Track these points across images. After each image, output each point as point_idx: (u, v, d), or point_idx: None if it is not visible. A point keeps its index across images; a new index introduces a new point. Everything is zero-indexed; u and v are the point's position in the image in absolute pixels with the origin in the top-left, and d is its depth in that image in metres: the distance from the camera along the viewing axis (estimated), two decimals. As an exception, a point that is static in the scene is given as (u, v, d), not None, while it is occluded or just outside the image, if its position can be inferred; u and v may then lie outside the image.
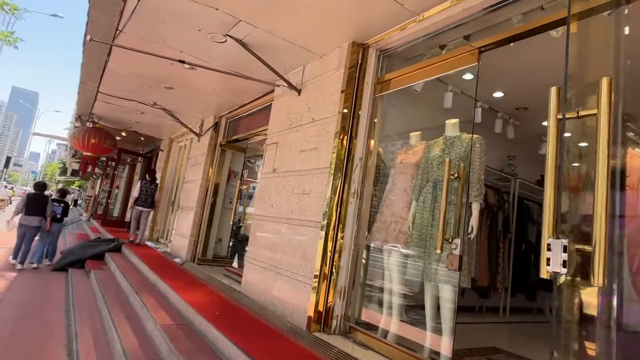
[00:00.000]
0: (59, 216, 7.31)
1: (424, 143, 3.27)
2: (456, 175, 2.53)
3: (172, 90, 5.65)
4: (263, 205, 4.22)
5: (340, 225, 3.21)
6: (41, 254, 7.13)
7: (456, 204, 2.55)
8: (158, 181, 9.48)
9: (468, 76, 4.08)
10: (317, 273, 3.17)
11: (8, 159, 42.27)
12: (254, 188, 5.75)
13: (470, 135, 2.86)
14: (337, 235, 3.21)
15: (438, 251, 2.39)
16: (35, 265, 6.96)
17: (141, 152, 12.12)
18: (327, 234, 3.20)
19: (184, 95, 5.86)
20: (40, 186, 7.34)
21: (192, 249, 6.22)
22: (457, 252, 2.34)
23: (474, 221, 2.63)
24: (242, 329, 3.16)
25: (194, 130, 7.05)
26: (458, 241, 2.37)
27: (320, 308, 3.12)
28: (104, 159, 14.98)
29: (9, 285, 5.66)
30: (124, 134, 9.54)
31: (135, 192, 7.95)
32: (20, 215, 6.93)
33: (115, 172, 13.36)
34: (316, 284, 3.15)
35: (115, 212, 13.85)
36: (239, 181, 6.89)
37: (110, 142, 8.20)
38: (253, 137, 5.74)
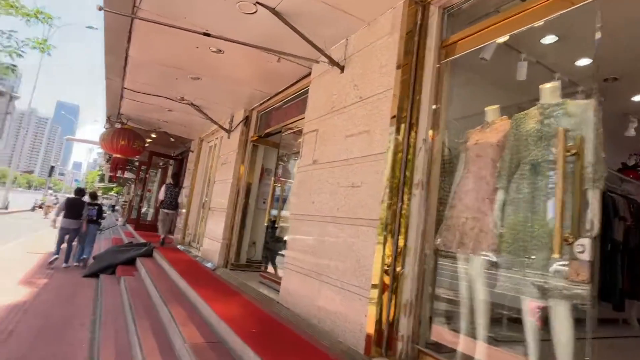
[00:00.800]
0: (94, 218, 7.81)
1: (505, 118, 2.59)
2: (573, 151, 1.85)
3: (199, 81, 5.20)
4: (302, 203, 3.66)
5: (402, 224, 2.58)
6: (79, 255, 7.69)
7: (574, 192, 1.86)
8: (188, 183, 9.19)
9: (548, 39, 3.36)
10: (376, 283, 2.55)
11: (52, 168, 44.30)
12: (289, 187, 5.22)
13: (580, 101, 2.16)
14: (398, 236, 2.58)
15: (556, 255, 1.71)
16: (76, 264, 7.59)
17: (172, 155, 11.94)
18: (385, 235, 2.58)
19: (211, 87, 5.41)
20: (79, 191, 8.03)
21: (225, 253, 5.75)
22: (585, 256, 1.66)
23: (594, 215, 1.93)
24: (284, 352, 2.59)
25: (224, 126, 6.61)
26: (586, 242, 1.70)
27: (382, 326, 2.49)
28: (137, 163, 15.01)
29: (37, 293, 5.40)
30: (153, 135, 9.30)
31: (161, 196, 8.34)
32: (61, 217, 7.54)
33: (147, 175, 13.27)
34: (375, 296, 2.53)
35: (149, 217, 13.78)
36: (272, 179, 6.38)
37: (139, 143, 7.94)
38: (287, 129, 5.20)
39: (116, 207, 33.45)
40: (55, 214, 7.79)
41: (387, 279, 2.54)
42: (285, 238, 4.70)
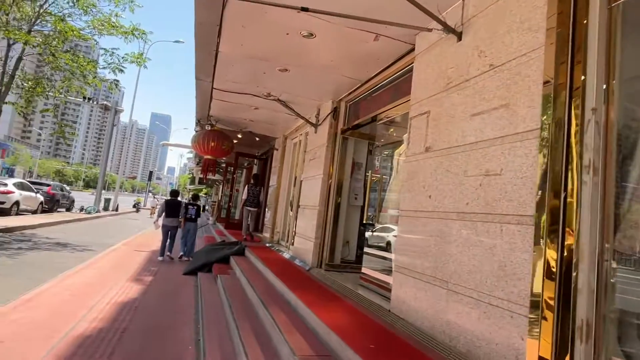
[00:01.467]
0: (193, 217, 8.61)
1: None
2: None
3: (287, 73, 4.97)
4: (414, 197, 3.16)
5: (570, 220, 1.97)
6: (182, 251, 8.58)
7: None
8: (274, 182, 9.22)
9: None
10: (537, 296, 1.97)
11: (150, 173, 49.40)
12: (384, 180, 4.75)
13: None
14: (564, 235, 1.97)
15: None
16: (180, 255, 8.47)
17: (256, 154, 12.17)
18: (546, 235, 1.99)
19: (299, 78, 5.15)
20: (174, 193, 9.10)
21: (318, 253, 5.48)
22: None
23: None
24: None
25: (310, 120, 6.36)
26: None
27: (547, 355, 1.91)
28: (223, 164, 15.70)
29: (144, 290, 5.64)
30: (240, 135, 9.47)
31: (244, 195, 9.03)
32: (162, 217, 8.41)
33: (234, 176, 13.75)
34: (536, 316, 1.96)
35: (236, 215, 14.31)
36: (364, 173, 5.96)
37: (227, 144, 8.08)
38: (380, 118, 4.73)
39: (206, 207, 35.88)
40: (158, 215, 8.62)
41: (550, 292, 1.95)
42: (388, 237, 4.25)
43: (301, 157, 7.94)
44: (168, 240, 8.37)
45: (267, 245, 8.31)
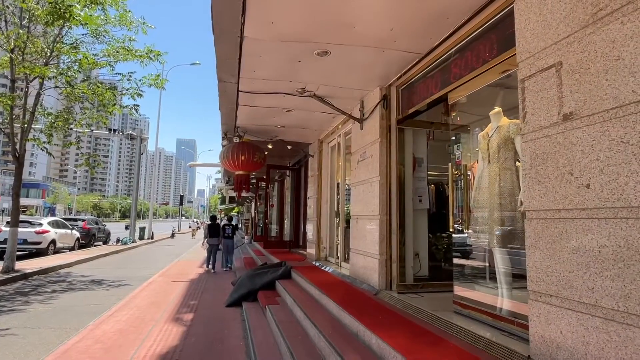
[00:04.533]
0: (230, 235, 10.77)
1: None
2: None
3: (327, 58, 4.08)
4: (553, 190, 2.15)
5: None
6: (223, 264, 10.73)
7: None
8: (312, 192, 8.33)
9: None
10: None
11: (182, 197, 49.89)
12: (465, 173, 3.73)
13: None
14: None
15: None
16: (224, 269, 10.53)
17: (288, 165, 11.34)
18: None
19: (341, 62, 4.24)
20: (213, 218, 11.34)
21: (385, 272, 4.49)
22: None
23: None
24: None
25: (354, 115, 5.42)
26: None
27: None
28: (253, 180, 15.00)
29: (185, 333, 4.83)
30: (270, 146, 8.66)
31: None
32: (206, 238, 10.87)
33: (268, 190, 12.97)
34: None
35: (273, 232, 13.51)
36: (426, 170, 4.96)
37: (259, 156, 7.27)
38: (455, 96, 3.74)
39: (239, 226, 35.59)
40: (204, 237, 10.96)
41: None
42: (491, 245, 3.22)
43: (342, 161, 7.01)
44: (211, 256, 10.48)
45: (314, 263, 7.38)
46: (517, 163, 3.06)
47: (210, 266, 10.38)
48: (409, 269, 4.51)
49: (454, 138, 3.92)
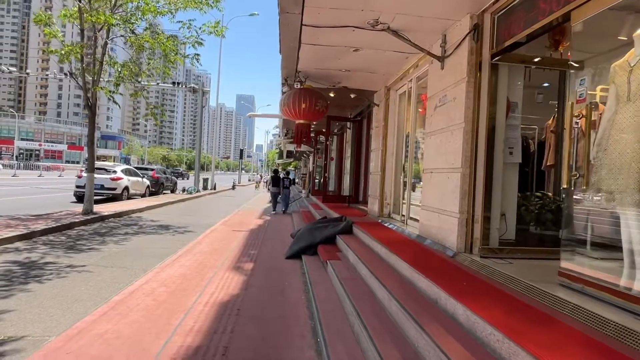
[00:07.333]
0: (287, 186, 13.29)
1: None
2: None
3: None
4: None
5: None
6: (283, 208, 13.32)
7: None
8: (376, 145, 7.74)
9: None
10: None
11: (241, 151, 51.49)
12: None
13: None
14: None
15: None
16: (283, 211, 13.13)
17: (349, 116, 10.73)
18: None
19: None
20: (275, 171, 14.24)
21: (466, 232, 3.93)
22: None
23: None
24: None
25: (433, 52, 4.66)
26: None
27: None
28: (312, 134, 14.62)
29: (246, 282, 4.73)
30: (331, 94, 8.08)
31: None
32: (270, 187, 13.91)
33: (327, 142, 12.54)
34: None
35: (331, 187, 13.24)
36: (520, 116, 4.17)
37: (321, 104, 6.75)
38: (580, 15, 2.88)
39: (296, 180, 36.11)
40: (266, 185, 16.50)
41: None
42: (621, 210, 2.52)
43: (412, 110, 6.29)
44: (274, 201, 13.18)
45: (378, 220, 6.96)
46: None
47: (274, 210, 12.99)
48: (494, 230, 3.90)
49: (572, 71, 3.10)
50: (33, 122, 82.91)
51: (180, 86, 23.96)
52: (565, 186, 2.71)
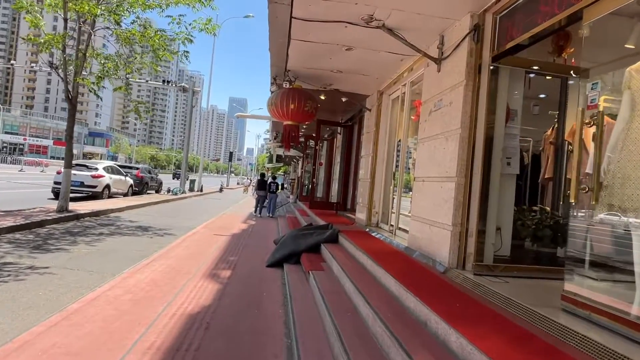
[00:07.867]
0: (274, 190, 13.37)
1: None
2: None
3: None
4: None
5: None
6: (267, 211, 13.22)
7: None
8: (367, 151, 7.48)
9: None
10: None
11: (231, 154, 50.81)
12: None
13: None
14: None
15: None
16: (269, 215, 12.98)
17: (340, 122, 10.46)
18: None
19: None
20: (262, 175, 15.24)
21: (459, 247, 3.64)
22: None
23: None
24: None
25: (429, 54, 4.40)
26: None
27: None
28: (302, 138, 14.32)
29: (220, 292, 4.37)
30: (322, 97, 7.80)
31: None
32: (255, 190, 14.65)
33: (317, 147, 12.25)
34: None
35: (319, 193, 12.92)
36: (519, 124, 3.92)
37: (311, 105, 6.46)
38: (593, 13, 2.64)
39: (284, 186, 35.74)
40: (253, 189, 14.91)
41: None
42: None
43: (405, 116, 6.03)
44: (258, 204, 13.22)
45: (365, 229, 6.66)
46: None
47: (257, 213, 12.95)
48: (488, 245, 3.62)
49: (579, 77, 2.85)
50: (19, 115, 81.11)
51: (170, 85, 23.52)
52: (573, 201, 2.43)
